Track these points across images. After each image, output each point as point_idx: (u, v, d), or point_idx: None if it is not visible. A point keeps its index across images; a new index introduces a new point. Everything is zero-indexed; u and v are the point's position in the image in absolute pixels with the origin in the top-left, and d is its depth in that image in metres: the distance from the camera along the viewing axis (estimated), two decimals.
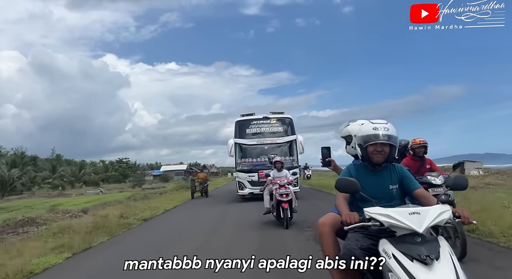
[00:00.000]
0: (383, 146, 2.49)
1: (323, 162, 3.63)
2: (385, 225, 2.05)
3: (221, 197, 19.10)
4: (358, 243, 2.23)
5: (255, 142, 15.39)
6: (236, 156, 15.33)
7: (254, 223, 8.99)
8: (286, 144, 15.43)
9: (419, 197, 2.50)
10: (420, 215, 2.03)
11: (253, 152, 15.46)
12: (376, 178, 2.59)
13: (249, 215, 10.50)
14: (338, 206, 2.44)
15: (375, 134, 2.49)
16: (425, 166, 5.39)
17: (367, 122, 2.65)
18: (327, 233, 2.67)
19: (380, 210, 2.11)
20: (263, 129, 15.62)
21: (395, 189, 2.57)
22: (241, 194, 15.31)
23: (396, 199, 2.56)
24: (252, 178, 15.04)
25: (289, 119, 15.93)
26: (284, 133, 15.60)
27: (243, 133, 15.49)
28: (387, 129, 2.50)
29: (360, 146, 2.58)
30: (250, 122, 15.64)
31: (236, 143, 15.32)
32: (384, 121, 2.58)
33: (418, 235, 1.99)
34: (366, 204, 2.35)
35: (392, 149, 2.52)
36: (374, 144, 2.49)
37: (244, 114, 16.01)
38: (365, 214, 2.14)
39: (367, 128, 2.56)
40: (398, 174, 2.62)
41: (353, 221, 2.16)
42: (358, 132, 2.63)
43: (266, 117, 15.80)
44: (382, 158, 2.52)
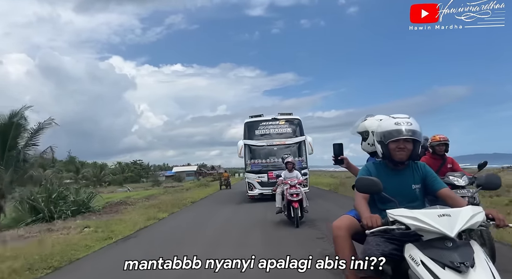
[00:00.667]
0: (406, 142, 2.32)
1: (335, 160, 3.34)
2: (412, 228, 1.87)
3: (238, 189, 24.38)
4: (379, 248, 2.07)
5: (264, 143, 15.48)
6: (246, 157, 15.44)
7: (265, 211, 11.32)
8: (295, 144, 15.47)
9: (444, 197, 2.31)
10: (451, 217, 1.84)
11: (262, 152, 15.53)
12: (397, 177, 2.42)
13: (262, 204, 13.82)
14: (358, 207, 2.26)
15: (397, 130, 2.30)
16: (446, 165, 5.02)
17: (387, 117, 2.48)
18: (343, 237, 2.48)
19: (405, 212, 1.93)
20: (272, 130, 15.68)
21: (417, 188, 2.41)
22: (251, 194, 15.42)
23: (419, 199, 2.41)
24: (262, 178, 15.14)
25: (298, 120, 15.96)
26: (293, 134, 15.64)
27: (252, 135, 15.58)
28: (410, 124, 2.32)
29: (381, 142, 2.40)
30: (259, 123, 15.72)
31: (245, 144, 15.43)
32: (406, 116, 2.40)
33: (448, 239, 1.80)
34: (388, 205, 2.22)
35: (415, 146, 2.35)
36: (396, 140, 2.31)
37: (252, 115, 16.11)
38: (388, 216, 1.95)
39: (388, 124, 2.38)
40: (421, 173, 2.45)
41: (376, 224, 1.97)
42: (378, 128, 2.46)
43: (274, 118, 15.87)
44: (405, 156, 2.34)
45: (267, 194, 15.07)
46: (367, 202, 2.30)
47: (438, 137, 5.02)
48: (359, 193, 2.27)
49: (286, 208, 8.59)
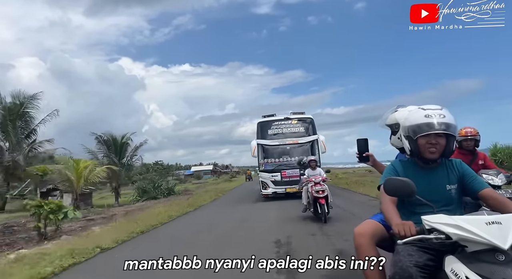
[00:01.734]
0: (438, 137, 2.04)
1: (360, 157, 3.01)
2: (454, 238, 1.61)
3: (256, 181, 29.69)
4: (413, 259, 1.79)
5: (277, 142, 15.57)
6: (259, 157, 15.57)
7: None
8: (308, 143, 15.51)
9: (488, 199, 2.01)
10: (502, 225, 1.56)
11: (275, 152, 15.63)
12: (429, 177, 2.13)
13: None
14: (386, 212, 1.98)
15: (428, 123, 2.02)
16: (477, 162, 4.40)
17: (417, 108, 2.18)
18: (366, 245, 2.23)
19: (445, 218, 1.67)
20: (285, 129, 15.75)
21: (453, 189, 2.12)
22: (264, 193, 15.52)
23: (455, 202, 2.13)
24: (275, 177, 15.25)
25: (310, 119, 15.98)
26: (306, 133, 15.67)
27: (265, 134, 15.70)
28: (443, 116, 2.03)
29: (409, 138, 2.12)
30: (272, 123, 15.82)
31: (258, 143, 15.54)
32: (438, 107, 2.11)
33: (500, 252, 1.53)
34: (421, 209, 1.99)
35: (449, 141, 2.06)
36: (427, 135, 2.03)
37: (265, 115, 16.23)
38: (424, 223, 1.71)
39: (417, 116, 2.10)
40: (457, 171, 2.15)
41: (409, 233, 1.72)
42: (405, 122, 2.18)
43: (287, 118, 15.93)
44: (437, 152, 2.07)
45: (280, 192, 15.20)
46: (395, 206, 2.03)
47: (464, 131, 4.38)
48: (386, 196, 1.99)
49: (312, 205, 8.85)
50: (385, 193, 1.96)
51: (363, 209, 10.08)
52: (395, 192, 1.92)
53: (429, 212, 1.82)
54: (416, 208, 2.07)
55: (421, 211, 1.97)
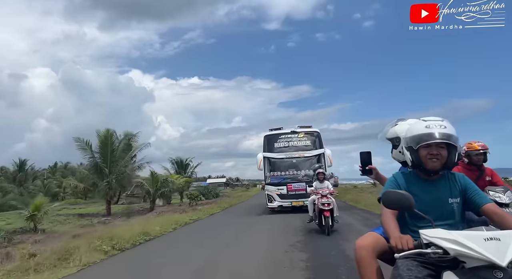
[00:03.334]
0: (440, 148, 2.03)
1: (363, 170, 3.00)
2: (451, 253, 1.58)
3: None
4: (412, 274, 1.77)
5: (284, 155, 15.64)
6: (265, 170, 15.62)
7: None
8: (315, 157, 15.53)
9: (491, 215, 1.99)
10: (501, 241, 1.54)
11: (282, 165, 15.68)
12: (431, 190, 2.11)
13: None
14: (386, 225, 1.98)
15: (429, 133, 2.03)
16: (484, 178, 4.22)
17: (417, 120, 2.20)
18: (367, 258, 2.19)
19: (443, 233, 1.65)
20: (292, 143, 15.86)
21: (455, 203, 2.09)
22: (270, 207, 15.48)
23: (457, 216, 2.10)
24: (281, 191, 15.23)
25: (317, 133, 16.08)
26: (312, 147, 15.75)
27: (272, 147, 15.80)
28: (444, 127, 2.03)
29: (410, 148, 2.12)
30: (278, 136, 15.95)
31: (265, 156, 15.65)
32: (439, 118, 2.11)
33: (498, 268, 1.50)
34: (420, 222, 2.00)
35: (451, 152, 2.05)
36: (428, 145, 2.03)
37: (272, 128, 16.38)
38: (422, 237, 1.69)
39: (418, 127, 2.11)
40: (459, 185, 2.13)
41: (407, 246, 1.72)
42: (407, 133, 2.20)
43: (294, 131, 16.06)
44: (438, 163, 2.05)
45: (286, 206, 15.15)
46: (396, 219, 2.01)
47: (476, 146, 4.19)
48: (386, 209, 1.98)
49: (317, 216, 8.91)
50: (384, 206, 1.96)
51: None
52: (393, 204, 1.91)
53: (427, 226, 1.83)
54: (417, 222, 2.04)
55: (421, 224, 1.97)
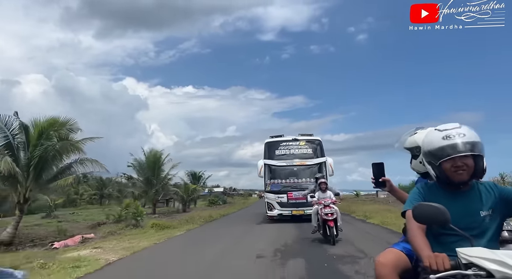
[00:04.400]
0: (464, 158, 1.79)
1: (376, 183, 2.79)
2: (497, 276, 1.39)
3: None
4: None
5: (285, 163, 15.49)
6: (265, 177, 15.45)
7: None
8: (316, 166, 15.39)
9: None
10: None
11: (283, 173, 15.53)
12: (460, 202, 1.87)
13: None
14: (414, 242, 1.76)
15: (449, 146, 1.80)
16: None
17: (432, 130, 1.98)
18: (388, 277, 2.06)
19: (485, 252, 1.46)
20: (292, 151, 15.74)
21: (488, 216, 1.84)
22: (270, 215, 15.25)
23: (491, 231, 1.84)
24: (281, 199, 15.02)
25: (318, 141, 15.97)
26: (314, 155, 15.62)
27: (273, 155, 15.68)
28: (463, 135, 1.80)
29: (431, 164, 1.90)
30: (279, 143, 15.84)
31: (265, 163, 15.49)
32: (456, 125, 1.87)
33: None
34: (449, 238, 1.80)
35: (477, 161, 1.81)
36: (451, 158, 1.80)
37: (273, 135, 16.28)
38: (460, 256, 1.51)
39: (434, 139, 1.88)
40: (493, 194, 1.88)
41: (443, 267, 1.51)
42: (423, 145, 1.98)
43: (295, 139, 15.96)
44: (466, 175, 1.82)
45: (286, 215, 14.91)
46: (424, 234, 1.80)
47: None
48: (414, 223, 1.76)
49: (321, 226, 8.93)
50: (416, 220, 1.74)
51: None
52: (426, 219, 1.69)
53: (460, 242, 1.65)
54: (445, 238, 1.83)
55: (449, 240, 1.80)
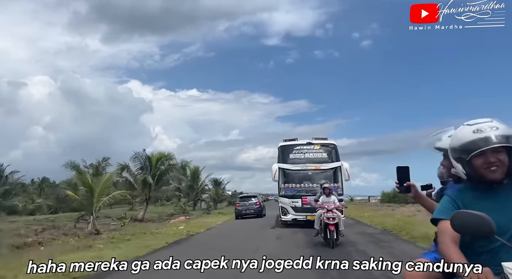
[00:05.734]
0: (497, 153, 1.64)
1: (400, 188, 2.54)
2: None
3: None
4: None
5: (299, 167, 15.29)
6: (280, 181, 15.32)
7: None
8: (331, 170, 15.13)
9: None
10: None
11: (297, 177, 15.35)
12: (494, 206, 1.66)
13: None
14: (449, 255, 1.58)
15: (481, 138, 1.65)
16: None
17: (462, 126, 1.82)
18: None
19: None
20: (307, 155, 15.52)
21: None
22: (283, 219, 15.11)
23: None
24: (296, 203, 14.83)
25: (333, 145, 15.70)
26: (329, 159, 15.35)
27: (287, 158, 15.52)
28: (496, 128, 1.65)
29: (461, 160, 1.73)
30: (293, 147, 15.67)
31: (280, 167, 15.36)
32: (487, 119, 1.74)
33: None
34: (484, 247, 1.62)
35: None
36: (483, 153, 1.65)
37: (286, 139, 16.14)
38: (507, 272, 1.39)
39: (465, 133, 1.73)
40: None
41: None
42: (452, 142, 1.82)
43: (309, 143, 15.71)
44: (500, 172, 1.65)
45: (301, 220, 14.71)
46: (457, 244, 1.62)
47: None
48: (447, 235, 1.60)
49: (323, 230, 9.21)
50: (456, 230, 1.55)
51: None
52: (468, 230, 1.50)
53: (500, 253, 1.52)
54: (481, 248, 1.65)
55: (485, 249, 1.62)
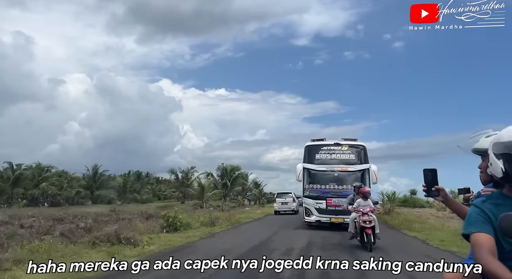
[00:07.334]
0: None
1: (427, 191, 2.39)
2: None
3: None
4: None
5: (325, 168, 14.86)
6: (304, 181, 15.01)
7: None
8: (358, 172, 14.55)
9: None
10: None
11: (322, 178, 14.93)
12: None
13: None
14: (489, 265, 1.46)
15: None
16: None
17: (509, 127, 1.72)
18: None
19: None
20: (334, 155, 15.04)
21: None
22: (307, 220, 14.82)
23: None
24: (320, 205, 14.49)
25: (362, 146, 15.11)
26: (357, 161, 14.78)
27: (313, 159, 15.13)
28: None
29: (506, 156, 1.58)
30: (320, 147, 15.24)
31: (304, 167, 15.03)
32: None
33: None
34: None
35: None
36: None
37: (314, 139, 15.77)
38: None
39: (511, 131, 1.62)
40: None
41: None
42: (494, 140, 1.71)
43: (337, 143, 15.22)
44: None
45: (325, 222, 14.36)
46: (495, 254, 1.51)
47: None
48: (482, 245, 1.50)
49: (359, 234, 9.25)
50: (507, 236, 1.45)
51: None
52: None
53: None
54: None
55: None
